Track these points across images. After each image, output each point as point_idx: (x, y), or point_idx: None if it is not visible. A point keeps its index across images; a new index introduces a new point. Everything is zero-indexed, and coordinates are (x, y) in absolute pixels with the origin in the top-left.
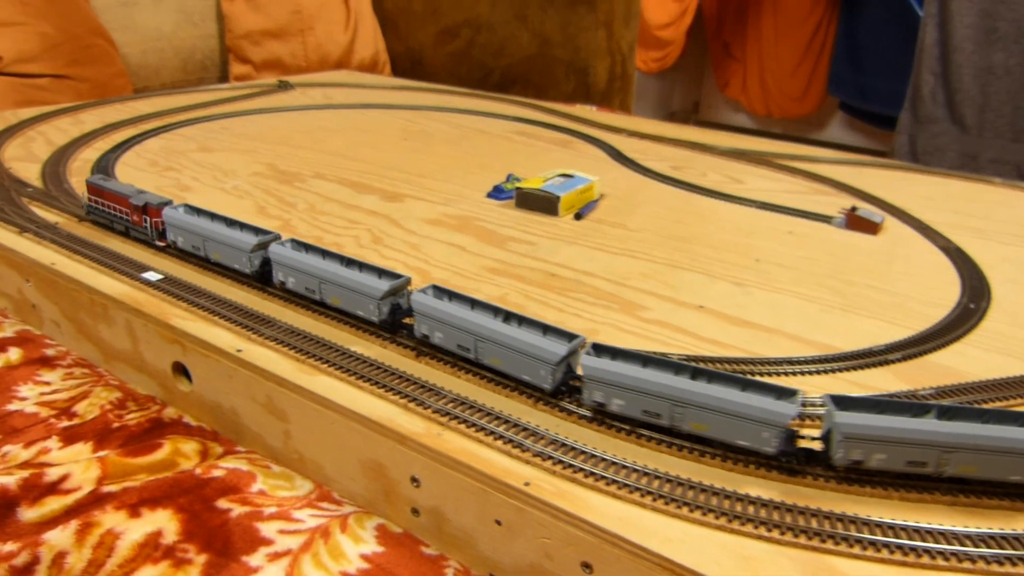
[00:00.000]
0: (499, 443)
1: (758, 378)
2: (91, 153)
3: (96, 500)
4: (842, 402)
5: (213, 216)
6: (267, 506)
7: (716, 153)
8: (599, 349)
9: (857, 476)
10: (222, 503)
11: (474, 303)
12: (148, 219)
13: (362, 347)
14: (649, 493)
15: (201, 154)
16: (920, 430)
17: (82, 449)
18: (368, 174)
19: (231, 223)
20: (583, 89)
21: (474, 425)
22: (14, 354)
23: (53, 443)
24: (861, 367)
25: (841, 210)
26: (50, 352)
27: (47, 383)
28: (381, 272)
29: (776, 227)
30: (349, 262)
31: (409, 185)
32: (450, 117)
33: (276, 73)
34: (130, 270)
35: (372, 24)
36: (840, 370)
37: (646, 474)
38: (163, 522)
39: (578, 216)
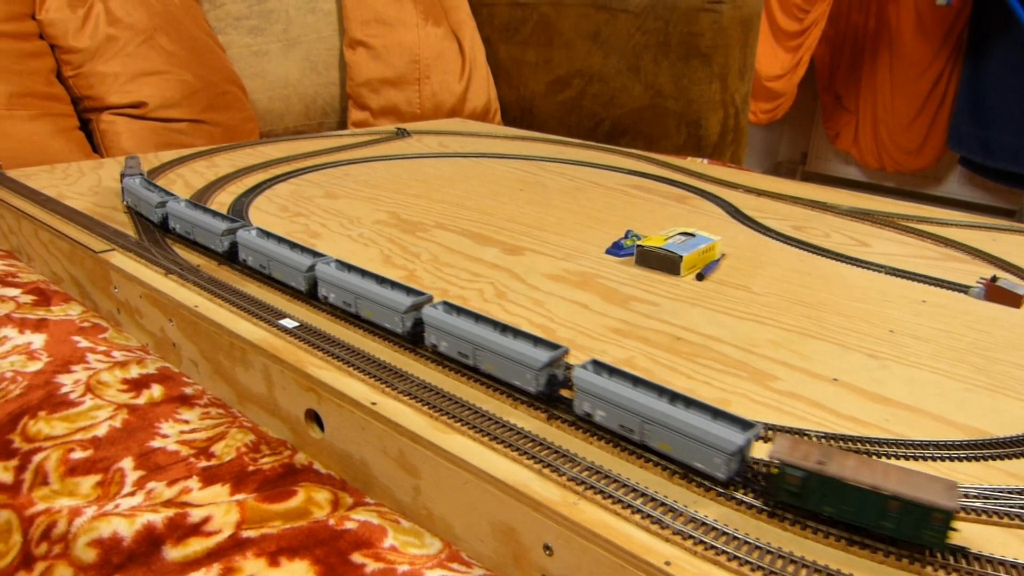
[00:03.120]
0: (636, 517)
1: (900, 462)
2: (226, 197)
3: (236, 545)
4: (598, 366)
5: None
6: (400, 563)
7: (838, 213)
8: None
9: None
10: (356, 557)
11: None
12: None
13: (492, 406)
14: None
15: (327, 200)
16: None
17: (220, 491)
18: (488, 225)
19: (382, 281)
20: (694, 141)
21: (610, 496)
22: (156, 391)
23: (194, 483)
24: (1016, 455)
25: (980, 279)
26: (188, 391)
27: (186, 421)
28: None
29: (908, 295)
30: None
31: (529, 238)
32: (564, 168)
33: (392, 119)
34: (269, 316)
35: (486, 74)
36: (992, 458)
37: (780, 557)
38: (301, 573)
39: (700, 276)
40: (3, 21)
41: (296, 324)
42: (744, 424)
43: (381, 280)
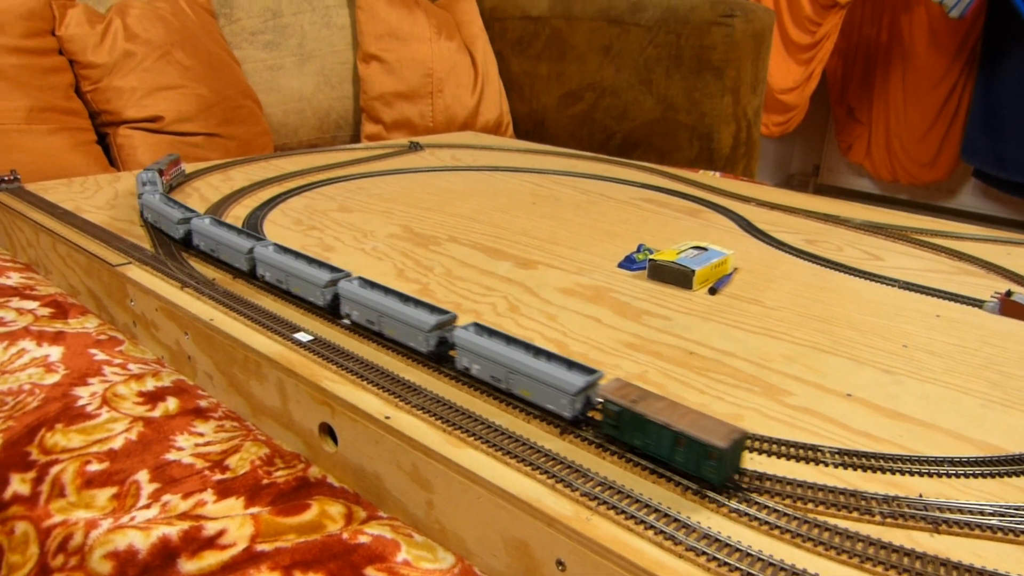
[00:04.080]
0: (649, 533)
1: (915, 478)
2: (240, 210)
3: (251, 558)
4: (479, 328)
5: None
6: None
7: (851, 226)
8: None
9: None
10: (370, 571)
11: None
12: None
13: (505, 420)
14: None
15: (341, 214)
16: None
17: (235, 504)
18: (501, 239)
19: (405, 299)
20: (706, 154)
21: (623, 512)
22: (172, 404)
23: (208, 496)
24: None
25: (994, 294)
26: (203, 403)
27: (201, 434)
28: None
29: (922, 310)
30: (537, 351)
31: (541, 252)
32: (576, 182)
33: (405, 132)
34: (283, 330)
35: (498, 87)
36: (1008, 475)
37: (795, 574)
38: None
39: (712, 291)
40: (24, 37)
41: (310, 338)
42: (588, 371)
43: (405, 299)
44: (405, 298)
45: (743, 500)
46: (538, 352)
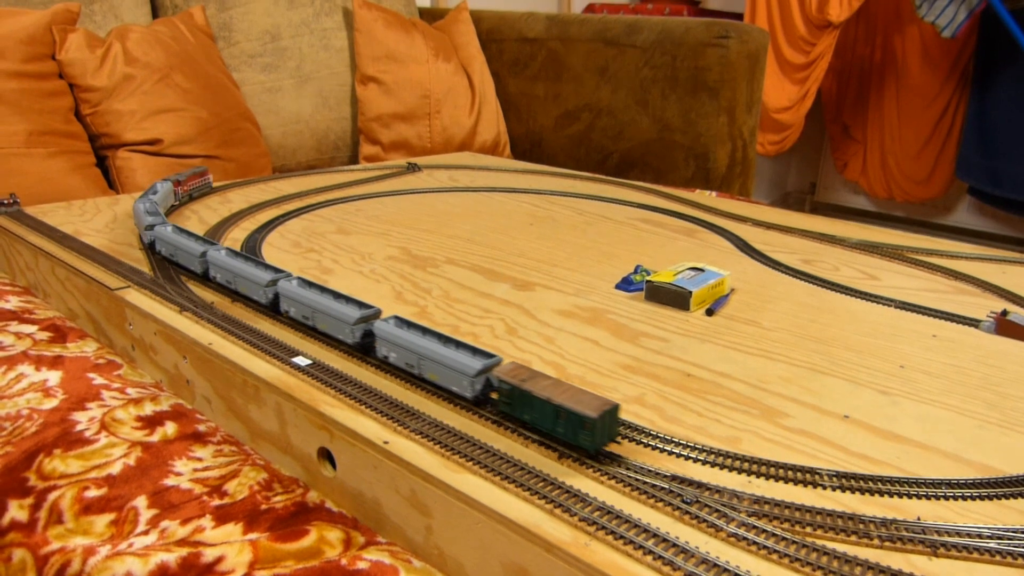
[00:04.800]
0: (648, 558)
1: (913, 501)
2: (239, 233)
3: None
4: (398, 321)
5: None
6: None
7: (847, 246)
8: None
9: None
10: None
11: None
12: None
13: (503, 445)
14: None
15: (339, 236)
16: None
17: (233, 530)
18: (499, 261)
19: (446, 341)
20: (703, 174)
21: (622, 537)
22: (170, 428)
23: (207, 522)
24: None
25: (990, 314)
26: (201, 428)
27: (199, 459)
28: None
29: (919, 330)
30: (446, 340)
31: (539, 273)
32: (574, 202)
33: (403, 153)
34: (281, 354)
35: (495, 108)
36: (1006, 496)
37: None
38: None
39: (709, 312)
40: (24, 62)
41: (309, 362)
42: (487, 356)
43: (445, 340)
44: (446, 339)
45: (741, 524)
46: (447, 340)
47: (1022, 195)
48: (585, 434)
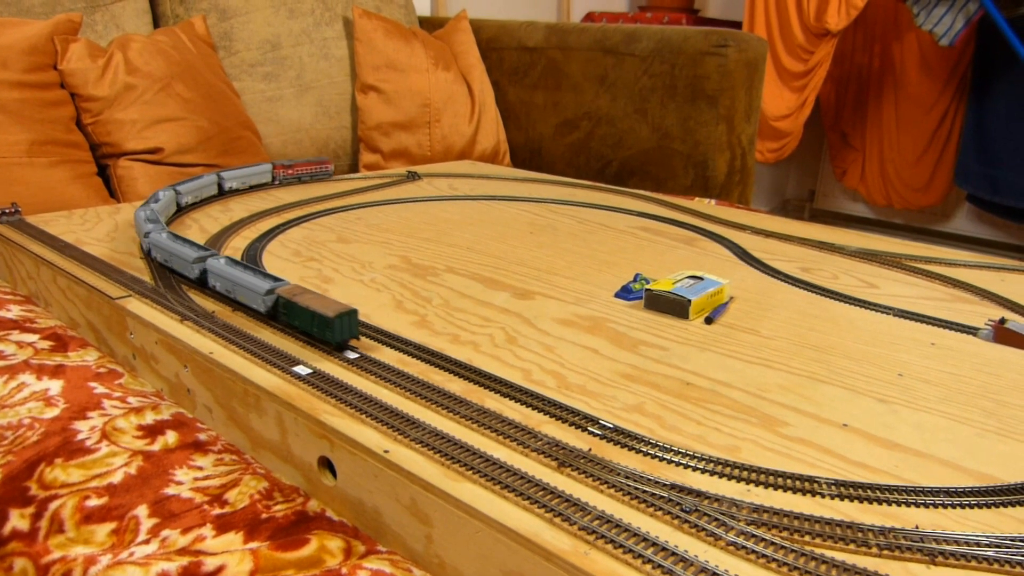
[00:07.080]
0: (648, 567)
1: (912, 509)
2: (240, 241)
3: None
4: (229, 260)
5: (244, 267)
6: None
7: (845, 254)
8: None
9: None
10: None
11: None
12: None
13: (503, 454)
14: None
15: (339, 245)
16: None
17: (234, 539)
18: (498, 269)
19: (255, 272)
20: (702, 182)
21: (621, 546)
22: (171, 437)
23: (208, 531)
24: None
25: (988, 321)
26: (202, 437)
27: (200, 468)
28: (275, 279)
29: (917, 338)
30: (255, 272)
31: (539, 282)
32: (573, 211)
33: (403, 161)
34: (282, 363)
35: (495, 116)
36: (1004, 504)
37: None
38: None
39: (708, 320)
40: (26, 72)
41: (310, 371)
42: (275, 279)
43: (252, 270)
44: (252, 270)
45: (741, 533)
46: (255, 272)
47: (1020, 202)
48: (329, 331)
